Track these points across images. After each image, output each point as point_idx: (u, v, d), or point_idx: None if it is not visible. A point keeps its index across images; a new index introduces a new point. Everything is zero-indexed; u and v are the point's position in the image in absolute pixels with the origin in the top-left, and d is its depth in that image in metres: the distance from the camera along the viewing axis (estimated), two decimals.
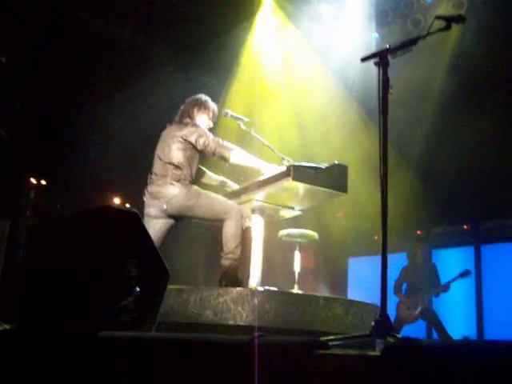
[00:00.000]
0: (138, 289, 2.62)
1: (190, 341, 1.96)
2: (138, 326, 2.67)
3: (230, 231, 4.68)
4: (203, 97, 5.13)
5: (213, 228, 5.33)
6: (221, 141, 4.84)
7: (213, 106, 5.12)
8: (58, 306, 2.46)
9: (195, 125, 4.92)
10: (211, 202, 4.76)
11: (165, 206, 4.71)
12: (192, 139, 4.80)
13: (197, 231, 7.36)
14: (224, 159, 4.80)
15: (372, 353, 1.58)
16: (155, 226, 4.78)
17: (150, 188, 4.81)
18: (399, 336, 2.78)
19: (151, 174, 4.89)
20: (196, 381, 1.80)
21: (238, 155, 4.80)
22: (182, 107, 5.10)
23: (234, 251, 4.67)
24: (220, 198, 4.88)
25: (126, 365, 2.08)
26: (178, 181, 4.73)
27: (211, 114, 5.09)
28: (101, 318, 2.47)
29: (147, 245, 2.79)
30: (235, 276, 4.69)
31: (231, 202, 4.85)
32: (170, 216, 4.80)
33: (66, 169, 8.10)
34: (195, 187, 4.83)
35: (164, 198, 4.71)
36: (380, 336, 2.75)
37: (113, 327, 2.46)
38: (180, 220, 4.93)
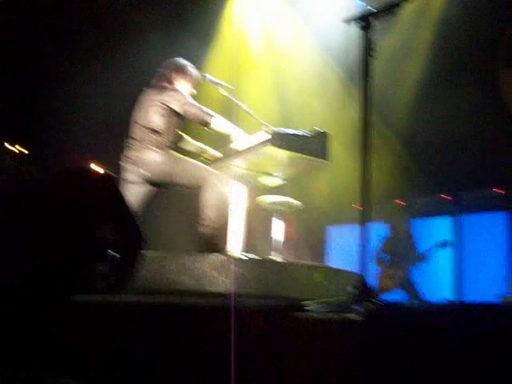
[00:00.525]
0: (112, 253, 2.56)
1: (165, 304, 1.91)
2: (113, 291, 2.61)
3: (209, 198, 4.62)
4: (181, 61, 5.01)
5: (193, 194, 5.27)
6: (201, 106, 4.75)
7: (192, 70, 5.01)
8: (31, 267, 2.40)
9: (174, 89, 4.81)
10: (191, 168, 4.70)
11: (143, 172, 4.63)
12: (172, 104, 4.70)
13: (179, 198, 7.29)
14: (205, 124, 4.72)
15: (351, 316, 1.54)
16: (133, 192, 4.70)
17: (128, 152, 4.71)
18: (379, 302, 2.76)
19: (128, 138, 4.79)
20: (172, 343, 1.76)
21: (217, 121, 4.73)
22: (159, 70, 4.98)
23: (213, 218, 4.62)
24: (199, 164, 4.81)
25: (98, 328, 2.03)
26: (157, 146, 4.64)
27: (190, 78, 4.98)
28: (74, 281, 2.42)
29: (123, 209, 2.73)
30: (214, 244, 4.65)
31: (210, 169, 4.79)
32: (148, 182, 4.73)
33: (43, 133, 7.96)
34: (174, 153, 4.75)
35: (142, 163, 4.62)
36: (360, 302, 2.73)
37: (87, 291, 2.41)
38: (158, 186, 4.85)
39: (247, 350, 1.50)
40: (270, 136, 4.46)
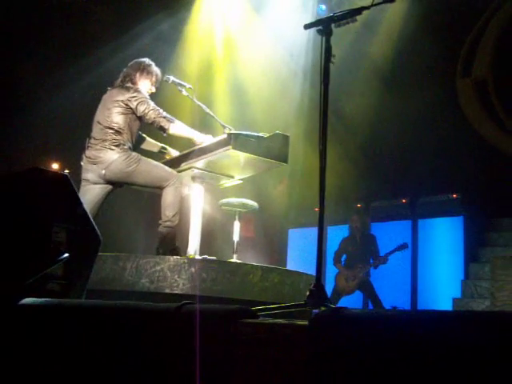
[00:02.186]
0: (66, 254, 2.53)
1: (115, 308, 1.90)
2: (67, 294, 2.59)
3: (168, 199, 4.62)
4: (147, 61, 4.98)
5: (153, 195, 5.25)
6: (161, 111, 4.72)
7: (156, 70, 4.98)
8: None
9: (137, 90, 4.77)
10: (151, 168, 4.68)
11: (103, 172, 4.59)
12: (132, 105, 4.67)
13: (137, 198, 7.25)
14: (162, 129, 4.70)
15: (300, 322, 1.55)
16: (93, 192, 4.66)
17: (88, 152, 4.66)
18: (333, 306, 2.79)
19: (90, 138, 4.74)
20: (121, 348, 1.76)
21: (176, 127, 4.70)
22: (124, 70, 4.95)
23: (171, 219, 4.63)
24: (160, 165, 4.80)
25: (49, 332, 2.01)
26: (118, 146, 4.61)
27: (154, 78, 4.95)
28: (27, 284, 2.38)
29: (78, 209, 2.70)
30: (173, 244, 4.65)
31: (170, 170, 4.78)
32: (109, 182, 4.69)
33: (1, 131, 7.82)
34: (135, 153, 4.71)
35: (102, 163, 4.58)
36: (314, 306, 2.75)
37: (39, 294, 2.37)
38: (118, 186, 4.82)
39: (193, 356, 1.51)
40: (230, 138, 4.46)
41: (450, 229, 7.93)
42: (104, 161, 4.57)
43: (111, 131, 4.62)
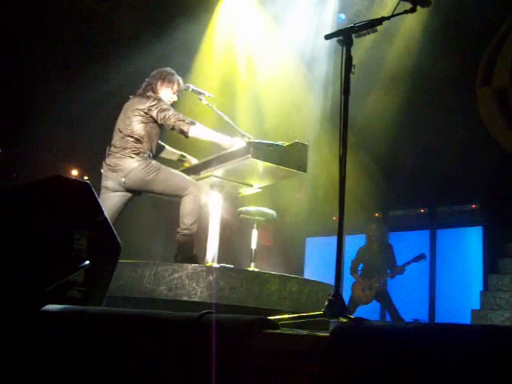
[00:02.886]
0: (87, 262, 2.55)
1: (136, 316, 1.91)
2: (87, 300, 2.61)
3: (187, 207, 4.64)
4: (169, 69, 5.01)
5: (171, 202, 5.28)
6: (181, 115, 4.74)
7: (178, 79, 5.01)
8: (3, 276, 2.39)
9: (158, 98, 4.81)
10: (170, 177, 4.70)
11: (123, 180, 4.62)
12: (153, 113, 4.70)
13: (156, 205, 7.28)
14: (183, 133, 4.71)
15: (321, 333, 1.55)
16: (112, 199, 4.70)
17: (109, 160, 4.70)
18: (352, 316, 2.79)
19: (110, 146, 4.78)
20: (142, 356, 1.77)
21: (197, 129, 4.71)
22: (146, 80, 4.98)
23: (189, 227, 4.64)
24: (179, 173, 4.82)
25: (71, 339, 2.03)
26: (138, 154, 4.64)
27: (176, 87, 4.98)
28: (48, 291, 2.41)
29: (99, 217, 2.72)
30: (191, 252, 4.66)
31: (189, 178, 4.79)
32: (128, 190, 4.72)
33: (23, 137, 7.91)
34: (154, 162, 4.74)
35: (122, 171, 4.61)
36: (333, 316, 2.75)
37: (60, 301, 2.39)
38: (137, 194, 4.86)
39: (213, 365, 1.52)
40: (250, 147, 4.47)
41: (469, 239, 7.87)
42: (124, 169, 4.61)
43: (131, 139, 4.66)
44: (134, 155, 4.63)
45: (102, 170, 4.77)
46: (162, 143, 5.16)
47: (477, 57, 8.09)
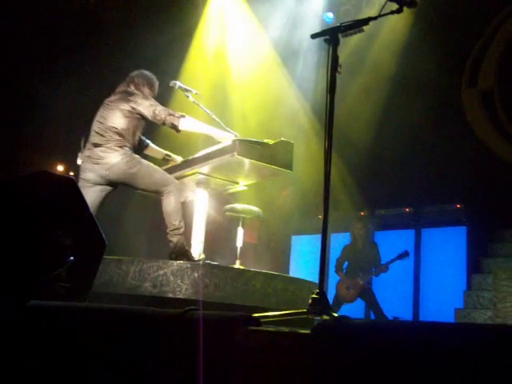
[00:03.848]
0: (71, 258, 2.55)
1: (120, 312, 1.92)
2: (71, 296, 2.60)
3: (169, 208, 4.65)
4: (148, 73, 5.04)
5: (156, 200, 5.28)
6: (171, 110, 4.76)
7: (156, 82, 5.05)
8: None
9: (145, 96, 4.83)
10: (152, 172, 4.71)
11: (106, 172, 4.62)
12: (140, 108, 4.70)
13: (140, 201, 7.28)
14: (174, 127, 4.72)
15: (303, 330, 1.57)
16: (93, 193, 4.67)
17: (90, 152, 4.68)
18: (335, 314, 2.80)
19: (88, 138, 4.77)
20: (124, 353, 1.77)
21: (187, 122, 4.71)
22: (128, 78, 4.98)
23: (178, 226, 4.66)
24: (160, 170, 4.84)
25: (55, 334, 2.03)
26: (121, 147, 4.65)
27: (155, 90, 5.03)
28: (32, 286, 2.40)
29: (83, 213, 2.72)
30: (183, 249, 4.67)
31: (170, 177, 4.81)
32: (110, 183, 4.72)
33: (7, 133, 7.86)
34: (137, 156, 4.76)
35: (105, 163, 4.61)
36: (316, 314, 2.76)
37: (45, 296, 2.39)
38: (114, 188, 4.85)
39: (196, 362, 1.53)
40: (235, 144, 4.49)
41: (453, 239, 7.92)
42: (107, 162, 4.60)
43: (115, 133, 4.66)
44: (118, 148, 4.63)
45: (80, 162, 4.75)
46: (148, 141, 5.17)
47: (462, 57, 8.15)
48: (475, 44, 8.21)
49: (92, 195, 4.64)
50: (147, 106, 4.71)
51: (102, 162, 4.61)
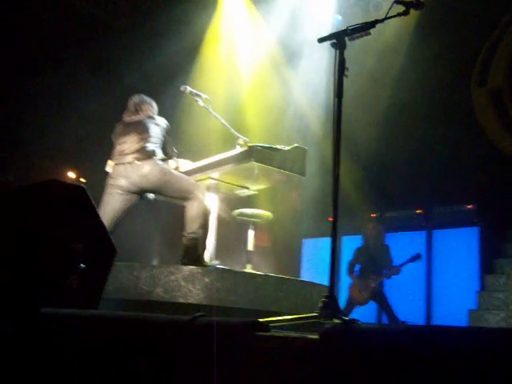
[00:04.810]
0: (82, 265, 2.57)
1: (128, 319, 1.93)
2: (82, 304, 2.63)
3: (193, 212, 4.75)
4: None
5: (169, 205, 5.34)
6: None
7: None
8: (4, 278, 2.40)
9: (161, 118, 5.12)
10: (179, 179, 4.87)
11: (140, 180, 4.72)
12: (168, 132, 5.03)
13: (153, 207, 7.32)
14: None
15: (311, 335, 1.58)
16: (121, 201, 4.83)
17: (125, 158, 4.78)
18: (346, 318, 2.80)
19: (124, 144, 4.86)
20: (134, 359, 1.79)
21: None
22: (137, 102, 5.12)
23: (196, 231, 4.73)
24: (186, 177, 4.99)
25: (67, 342, 2.05)
26: (155, 156, 4.79)
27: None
28: (44, 294, 2.43)
29: (94, 220, 2.74)
30: (196, 253, 4.71)
31: (196, 183, 4.90)
32: (141, 190, 4.82)
33: (19, 140, 7.92)
34: (166, 165, 4.90)
35: (140, 171, 4.72)
36: (326, 317, 2.76)
37: (56, 304, 2.41)
38: (143, 196, 4.95)
39: (205, 369, 1.54)
40: (252, 151, 4.52)
41: (465, 240, 7.89)
42: (142, 169, 4.74)
43: (152, 143, 4.84)
44: (153, 157, 4.76)
45: (111, 169, 4.82)
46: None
47: (470, 58, 8.12)
48: (484, 43, 8.17)
49: (121, 203, 4.81)
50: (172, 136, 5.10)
51: (137, 169, 4.71)
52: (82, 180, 8.69)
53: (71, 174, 8.98)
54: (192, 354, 1.63)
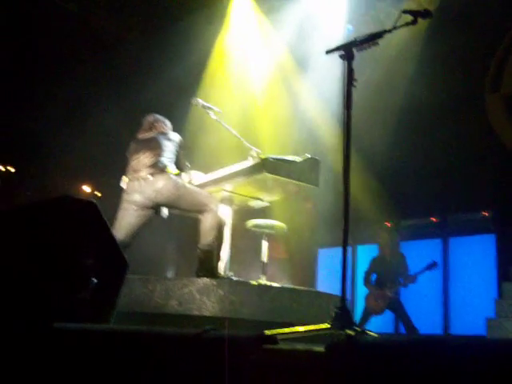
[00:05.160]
0: (94, 280, 2.59)
1: (140, 334, 1.95)
2: (95, 318, 2.65)
3: (208, 225, 4.77)
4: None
5: (182, 217, 5.36)
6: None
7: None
8: (13, 295, 2.43)
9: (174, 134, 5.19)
10: (195, 193, 4.90)
11: (154, 194, 4.76)
12: (181, 149, 5.07)
13: (166, 220, 7.36)
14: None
15: (317, 348, 1.58)
16: (137, 216, 4.86)
17: (139, 175, 4.83)
18: (358, 329, 2.79)
19: (138, 160, 4.91)
20: (143, 373, 1.80)
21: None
22: (151, 120, 5.20)
23: (211, 243, 4.75)
24: (200, 190, 4.98)
25: (79, 357, 2.06)
26: (169, 171, 4.82)
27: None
28: (56, 309, 2.45)
29: (105, 235, 2.77)
30: (211, 265, 4.74)
31: (211, 195, 4.91)
32: (155, 205, 4.86)
33: (35, 155, 8.01)
34: (180, 179, 4.92)
35: (155, 186, 4.76)
36: (339, 329, 2.76)
37: (69, 318, 2.43)
38: (156, 213, 4.98)
39: (214, 382, 1.55)
40: (264, 163, 4.53)
41: (482, 247, 7.82)
42: (156, 184, 4.78)
43: (164, 158, 4.88)
44: (167, 172, 4.83)
45: (126, 185, 4.87)
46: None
47: (482, 63, 8.08)
48: (496, 48, 8.13)
49: (136, 219, 4.85)
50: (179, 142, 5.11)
51: (152, 184, 4.75)
52: (97, 193, 8.76)
53: (86, 188, 9.06)
54: (201, 367, 1.64)
